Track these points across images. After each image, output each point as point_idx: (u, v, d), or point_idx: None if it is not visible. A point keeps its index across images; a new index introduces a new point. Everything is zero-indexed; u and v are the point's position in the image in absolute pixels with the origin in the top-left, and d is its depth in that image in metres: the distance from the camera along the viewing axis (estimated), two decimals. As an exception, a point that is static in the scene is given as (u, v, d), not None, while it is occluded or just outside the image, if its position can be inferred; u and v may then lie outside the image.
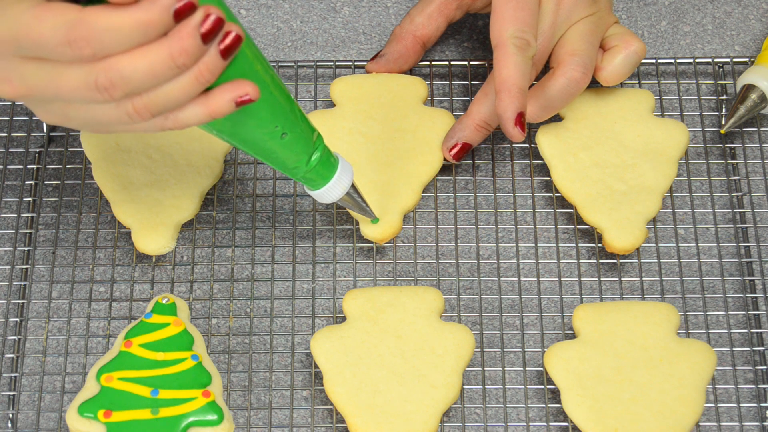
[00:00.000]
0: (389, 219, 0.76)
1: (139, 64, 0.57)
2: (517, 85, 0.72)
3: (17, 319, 0.76)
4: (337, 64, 0.84)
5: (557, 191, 0.79)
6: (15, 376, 0.74)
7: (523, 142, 0.81)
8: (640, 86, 0.84)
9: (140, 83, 0.57)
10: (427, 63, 0.84)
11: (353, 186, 0.72)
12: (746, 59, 0.84)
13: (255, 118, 0.63)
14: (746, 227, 0.79)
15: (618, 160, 0.78)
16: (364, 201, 0.73)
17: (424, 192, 0.79)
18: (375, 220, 0.75)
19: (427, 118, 0.80)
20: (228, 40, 0.58)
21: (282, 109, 0.64)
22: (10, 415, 0.73)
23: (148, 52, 0.57)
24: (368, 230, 0.76)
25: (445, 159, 0.79)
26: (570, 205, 0.79)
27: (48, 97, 0.60)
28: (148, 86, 0.58)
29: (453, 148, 0.78)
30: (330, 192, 0.70)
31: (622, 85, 0.83)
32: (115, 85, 0.57)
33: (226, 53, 0.58)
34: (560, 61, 0.76)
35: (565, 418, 0.73)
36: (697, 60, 0.84)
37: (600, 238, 0.78)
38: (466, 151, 0.78)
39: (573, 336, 0.75)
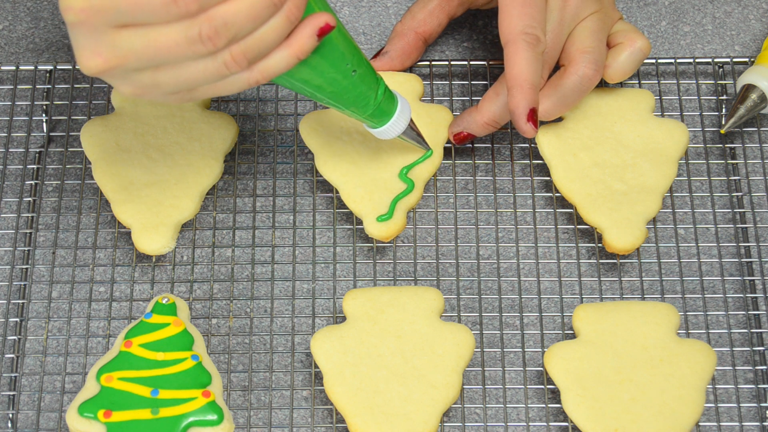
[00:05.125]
0: (393, 216, 0.76)
1: (241, 7, 0.60)
2: (529, 80, 0.72)
3: (17, 319, 0.76)
4: (337, 64, 0.84)
5: (557, 191, 0.79)
6: (15, 376, 0.74)
7: (523, 142, 0.82)
8: (640, 86, 0.84)
9: (241, 27, 0.60)
10: (427, 63, 0.84)
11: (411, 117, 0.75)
12: (746, 59, 0.84)
13: (329, 59, 0.66)
14: (746, 227, 0.79)
15: (618, 160, 0.78)
16: (419, 132, 0.76)
17: (424, 192, 0.79)
18: (429, 151, 0.77)
19: (425, 114, 0.80)
20: None
21: (349, 46, 0.67)
22: (10, 415, 0.73)
23: None
24: (373, 228, 0.76)
25: (447, 143, 0.79)
26: (570, 205, 0.79)
27: (141, 64, 0.61)
28: (248, 30, 0.61)
29: (459, 134, 0.78)
30: (396, 124, 0.73)
31: (622, 85, 0.83)
32: (219, 34, 0.60)
33: None
34: (571, 59, 0.76)
35: (565, 418, 0.73)
36: (697, 60, 0.84)
37: (600, 238, 0.78)
38: (471, 138, 0.78)
39: (573, 336, 0.75)
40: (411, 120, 0.75)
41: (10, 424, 0.73)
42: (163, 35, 0.60)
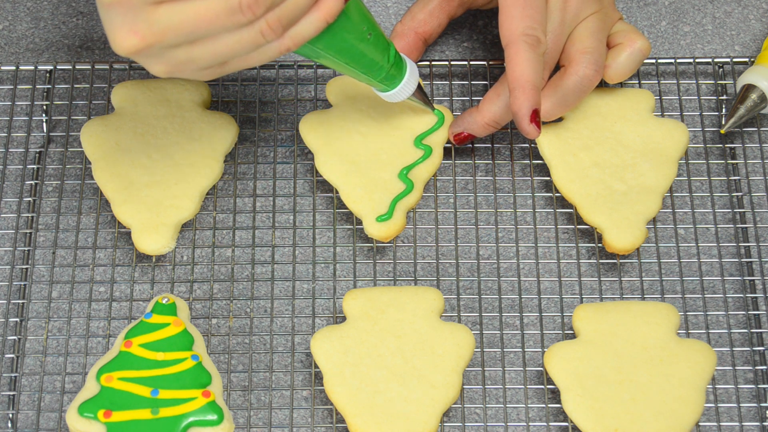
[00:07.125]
0: (393, 216, 0.76)
1: None
2: (531, 81, 0.73)
3: (17, 319, 0.76)
4: (337, 64, 0.84)
5: (557, 191, 0.79)
6: (15, 376, 0.74)
7: (523, 142, 0.82)
8: (640, 86, 0.84)
9: None
10: (427, 63, 0.84)
11: None
12: (746, 59, 0.84)
13: (349, 23, 0.68)
14: (746, 227, 0.79)
15: (618, 160, 0.78)
16: (426, 94, 0.78)
17: (424, 192, 0.79)
18: (437, 111, 0.79)
19: (425, 115, 0.80)
20: None
21: (363, 10, 0.69)
22: (10, 415, 0.73)
23: None
24: (372, 228, 0.76)
25: (447, 143, 0.79)
26: (570, 205, 0.79)
27: (179, 40, 0.62)
28: None
29: (459, 134, 0.78)
30: (407, 85, 0.75)
31: (622, 85, 0.83)
32: (258, 1, 0.61)
33: None
34: (572, 60, 0.76)
35: (565, 418, 0.73)
36: (697, 60, 0.84)
37: (600, 238, 0.78)
38: (471, 138, 0.78)
39: (573, 336, 0.75)
40: (419, 82, 0.76)
41: (10, 424, 0.73)
42: (202, 8, 0.60)
